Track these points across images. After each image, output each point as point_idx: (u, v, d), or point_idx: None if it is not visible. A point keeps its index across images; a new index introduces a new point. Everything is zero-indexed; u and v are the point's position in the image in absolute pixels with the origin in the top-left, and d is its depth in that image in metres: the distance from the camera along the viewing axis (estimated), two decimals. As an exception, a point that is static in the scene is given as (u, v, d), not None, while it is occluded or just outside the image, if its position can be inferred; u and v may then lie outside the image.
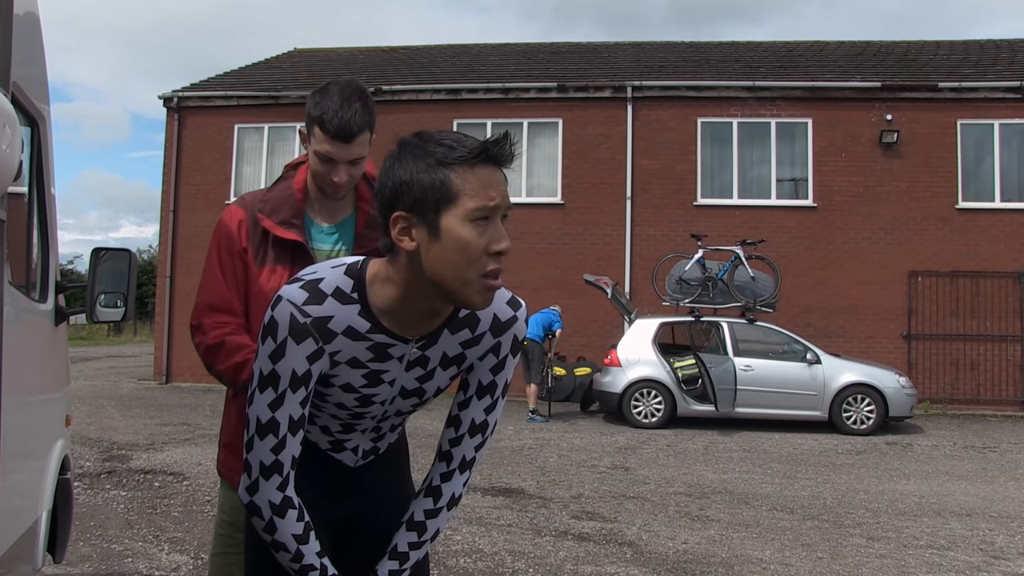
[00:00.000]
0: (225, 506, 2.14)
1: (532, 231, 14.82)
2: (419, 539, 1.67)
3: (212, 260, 2.07)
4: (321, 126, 1.94)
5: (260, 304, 2.04)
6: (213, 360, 1.99)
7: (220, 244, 2.07)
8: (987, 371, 14.11)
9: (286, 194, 2.09)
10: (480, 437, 1.66)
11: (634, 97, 15.11)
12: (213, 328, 1.99)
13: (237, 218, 2.07)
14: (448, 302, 1.45)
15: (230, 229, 2.06)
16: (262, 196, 2.11)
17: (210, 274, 2.06)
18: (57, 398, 3.09)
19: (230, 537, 2.10)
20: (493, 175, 1.40)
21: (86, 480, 6.59)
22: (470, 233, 1.37)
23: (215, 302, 2.03)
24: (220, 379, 2.05)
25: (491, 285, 1.41)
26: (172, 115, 16.31)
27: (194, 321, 2.03)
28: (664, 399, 11.22)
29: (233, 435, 2.09)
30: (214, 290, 2.04)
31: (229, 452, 2.11)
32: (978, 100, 14.36)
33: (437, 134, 1.42)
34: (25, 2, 2.33)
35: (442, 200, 1.38)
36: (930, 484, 7.50)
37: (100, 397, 12.87)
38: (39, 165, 2.82)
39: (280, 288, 1.99)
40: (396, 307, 1.48)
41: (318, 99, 1.96)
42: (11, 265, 2.26)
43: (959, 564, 4.92)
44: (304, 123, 2.02)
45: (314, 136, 1.97)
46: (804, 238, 14.54)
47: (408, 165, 1.40)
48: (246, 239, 2.05)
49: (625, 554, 4.97)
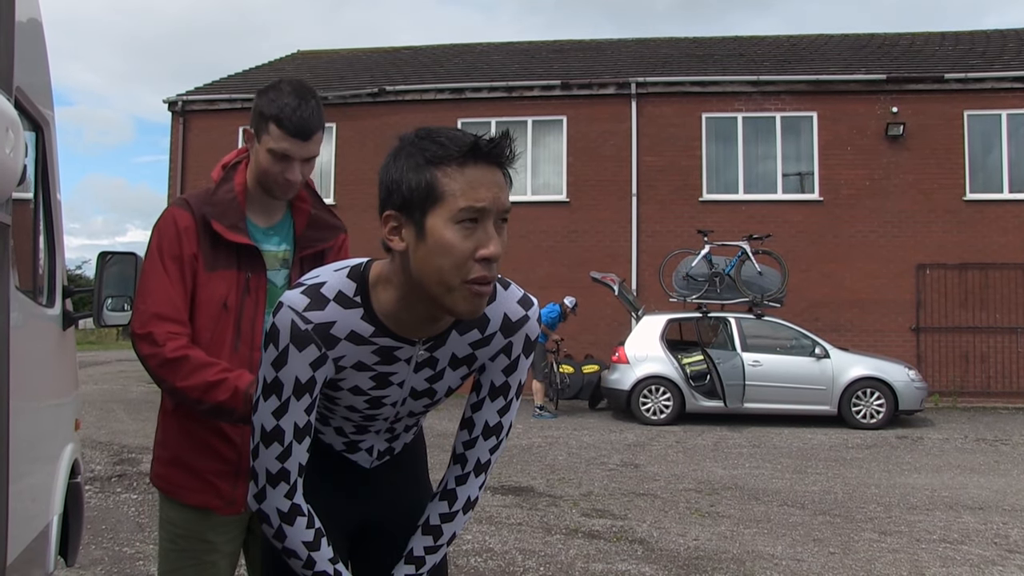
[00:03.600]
0: (176, 519, 2.03)
1: (538, 229, 14.81)
2: (435, 543, 1.65)
3: (156, 264, 1.93)
4: (278, 124, 1.90)
5: (207, 312, 1.96)
6: (170, 375, 1.86)
7: (164, 248, 1.94)
8: (997, 363, 14.04)
9: (229, 197, 2.00)
10: (495, 439, 1.62)
11: (638, 93, 15.08)
12: (168, 339, 1.87)
13: (184, 223, 1.96)
14: (436, 307, 1.40)
15: (177, 233, 1.95)
16: (207, 199, 2.00)
17: (155, 279, 1.92)
18: (66, 402, 3.09)
19: (185, 551, 2.01)
20: (485, 175, 1.34)
21: (97, 484, 6.61)
22: (455, 235, 1.32)
23: (164, 310, 1.89)
24: (174, 395, 1.92)
25: (477, 292, 1.35)
26: (177, 119, 16.36)
27: (140, 330, 1.89)
28: (672, 395, 11.20)
29: (177, 450, 2.00)
30: (162, 296, 1.91)
31: (173, 466, 2.01)
32: (985, 91, 14.30)
33: (435, 131, 1.37)
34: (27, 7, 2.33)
35: (428, 200, 1.33)
36: (942, 477, 7.46)
37: (109, 401, 12.91)
38: (44, 170, 2.82)
39: (227, 294, 1.97)
40: (398, 309, 1.45)
41: (272, 97, 1.92)
42: (18, 270, 2.26)
43: (973, 558, 4.89)
44: (251, 122, 1.97)
45: (268, 134, 1.92)
46: (811, 232, 14.49)
47: (400, 163, 1.37)
48: (196, 245, 1.95)
49: (636, 551, 4.96)
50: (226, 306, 1.97)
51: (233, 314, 1.98)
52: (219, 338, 1.98)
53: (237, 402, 1.83)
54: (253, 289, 2.00)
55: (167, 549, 2.05)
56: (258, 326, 2.01)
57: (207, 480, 1.98)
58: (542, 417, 11.45)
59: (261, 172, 1.98)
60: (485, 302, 1.39)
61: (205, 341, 1.96)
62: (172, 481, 2.02)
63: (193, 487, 1.99)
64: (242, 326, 1.99)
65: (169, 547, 2.04)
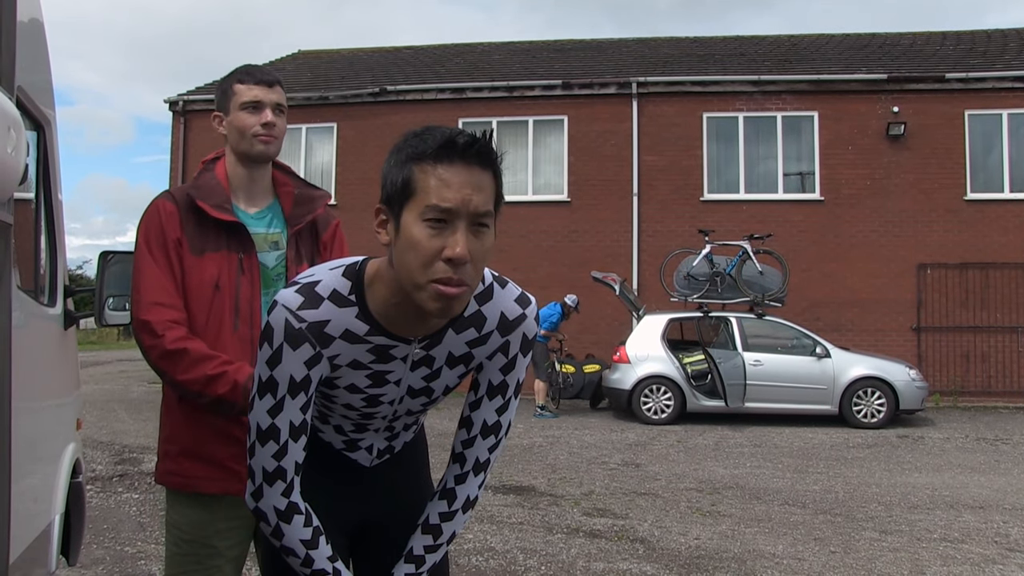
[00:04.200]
0: (181, 523, 2.04)
1: (539, 229, 14.81)
2: (435, 542, 1.65)
3: (144, 255, 1.99)
4: (241, 80, 2.08)
5: (199, 296, 1.99)
6: (171, 368, 1.90)
7: (151, 238, 2.00)
8: (998, 363, 14.04)
9: (213, 182, 2.09)
10: (493, 438, 1.62)
11: (639, 93, 15.08)
12: (166, 329, 1.92)
13: (166, 210, 2.03)
14: (414, 305, 1.40)
15: (160, 221, 2.01)
16: (191, 184, 2.10)
17: (145, 269, 1.98)
18: (68, 402, 3.10)
19: (190, 555, 2.02)
20: (459, 175, 1.33)
21: (98, 483, 6.62)
22: (421, 233, 1.32)
23: (157, 297, 1.95)
24: (176, 388, 1.96)
25: (441, 292, 1.33)
26: (178, 119, 16.35)
27: (141, 316, 1.94)
28: (673, 395, 11.19)
29: (189, 441, 2.01)
30: (154, 284, 1.96)
31: (186, 458, 2.02)
32: (986, 90, 14.29)
33: (427, 128, 1.38)
34: (29, 6, 2.34)
35: (403, 195, 1.35)
36: (942, 477, 7.46)
37: (111, 400, 12.92)
38: (45, 169, 2.82)
39: (217, 275, 2.00)
40: (390, 307, 1.45)
41: (225, 76, 2.12)
42: (20, 270, 2.26)
43: (973, 557, 4.89)
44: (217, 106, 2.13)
45: (235, 94, 2.07)
46: (812, 232, 14.49)
47: (390, 157, 1.39)
48: (180, 229, 2.01)
49: (637, 550, 4.97)
50: (218, 287, 2.00)
51: (230, 295, 2.01)
52: (216, 320, 2.00)
53: (237, 396, 1.85)
54: (247, 269, 2.04)
55: (173, 553, 2.06)
56: (256, 305, 2.04)
57: (225, 467, 1.99)
58: (543, 416, 11.45)
59: (239, 135, 2.07)
60: (456, 304, 1.37)
61: (201, 324, 1.98)
62: (186, 474, 2.02)
63: (211, 476, 1.99)
64: (240, 306, 2.02)
65: (175, 550, 2.05)
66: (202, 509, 2.02)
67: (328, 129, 15.84)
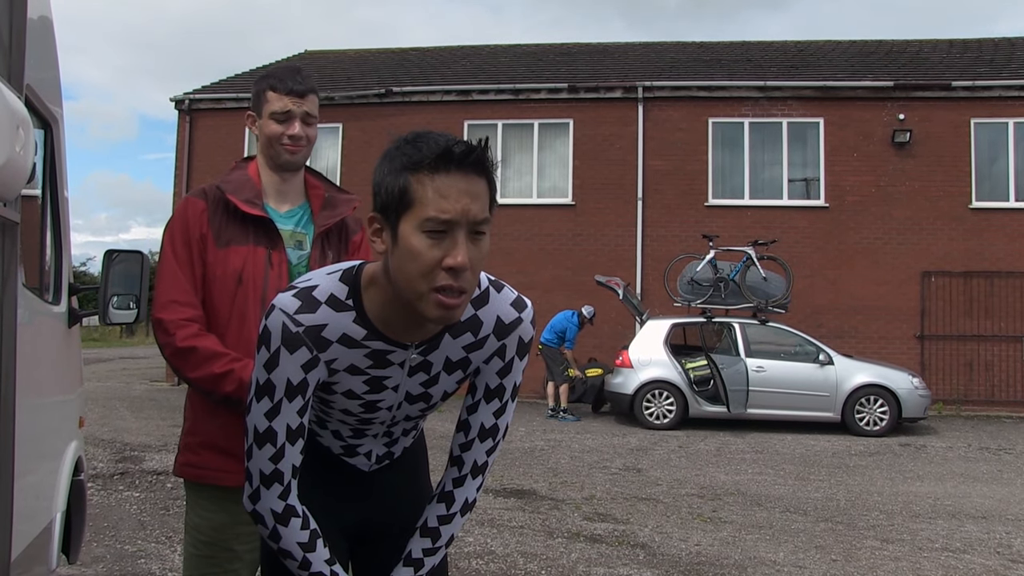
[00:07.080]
0: (201, 526, 2.06)
1: (543, 232, 14.81)
2: (433, 545, 1.65)
3: (167, 253, 2.04)
4: (273, 88, 2.08)
5: (222, 288, 2.02)
6: (182, 366, 1.95)
7: (175, 235, 2.05)
8: (1001, 372, 14.00)
9: (244, 178, 2.12)
10: (491, 441, 1.63)
11: (645, 97, 15.07)
12: (178, 327, 1.96)
13: (198, 208, 2.07)
14: (412, 312, 1.40)
15: (187, 218, 2.06)
16: (222, 179, 2.13)
17: (166, 267, 2.03)
18: (71, 400, 3.10)
19: (208, 558, 2.04)
20: (457, 184, 1.32)
21: (99, 481, 6.62)
22: (422, 243, 1.32)
23: (175, 295, 2.00)
24: (190, 385, 2.00)
25: (442, 302, 1.34)
26: (183, 117, 16.38)
27: (156, 315, 2.00)
28: (676, 400, 11.18)
29: (210, 434, 2.02)
30: (172, 282, 2.01)
31: (207, 451, 2.03)
32: (992, 99, 14.26)
33: (421, 136, 1.37)
34: (39, 5, 2.34)
35: (401, 205, 1.34)
36: (945, 486, 7.44)
37: (113, 399, 12.93)
38: (52, 167, 2.83)
39: (241, 268, 2.02)
40: (387, 312, 1.45)
41: (265, 74, 2.13)
42: (25, 267, 2.26)
43: (975, 567, 4.87)
44: (252, 107, 2.13)
45: (267, 101, 2.07)
46: (816, 238, 14.47)
47: (384, 165, 1.38)
48: (206, 225, 2.05)
49: (638, 556, 4.96)
50: (241, 280, 2.02)
51: (254, 288, 2.03)
52: (240, 312, 2.02)
53: (242, 393, 1.85)
54: (276, 264, 2.06)
55: (191, 555, 2.08)
56: None
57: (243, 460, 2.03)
58: (565, 420, 11.47)
59: (267, 142, 2.09)
60: (457, 311, 1.37)
61: (224, 317, 2.01)
62: (206, 466, 2.04)
63: (231, 468, 2.01)
64: (267, 300, 2.03)
65: (193, 552, 2.08)
66: (222, 512, 2.04)
67: (334, 130, 15.85)
